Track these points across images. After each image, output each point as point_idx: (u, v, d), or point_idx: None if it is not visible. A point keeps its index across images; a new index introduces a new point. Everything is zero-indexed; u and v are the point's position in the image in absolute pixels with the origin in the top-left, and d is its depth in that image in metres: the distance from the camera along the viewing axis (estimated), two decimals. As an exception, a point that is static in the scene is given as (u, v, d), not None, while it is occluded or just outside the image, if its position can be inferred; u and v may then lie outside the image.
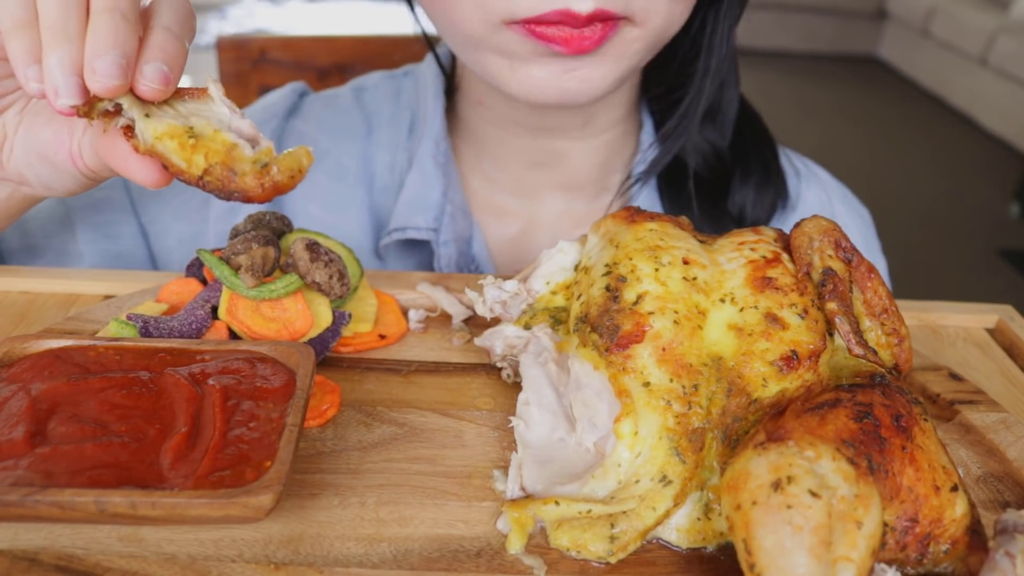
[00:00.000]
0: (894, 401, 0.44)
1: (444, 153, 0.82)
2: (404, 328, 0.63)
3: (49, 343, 0.49)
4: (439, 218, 0.80)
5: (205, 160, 0.46)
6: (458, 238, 0.82)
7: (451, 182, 0.82)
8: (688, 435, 0.46)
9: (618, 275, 0.50)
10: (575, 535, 0.44)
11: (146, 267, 0.83)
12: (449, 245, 0.81)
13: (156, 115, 0.47)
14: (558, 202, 0.84)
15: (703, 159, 0.83)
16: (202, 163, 0.46)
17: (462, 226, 0.82)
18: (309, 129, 0.86)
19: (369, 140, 0.87)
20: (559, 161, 0.82)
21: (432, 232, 0.80)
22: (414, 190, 0.81)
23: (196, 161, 0.46)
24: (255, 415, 0.45)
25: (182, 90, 0.49)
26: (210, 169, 0.46)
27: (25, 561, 0.41)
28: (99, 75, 0.44)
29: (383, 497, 0.47)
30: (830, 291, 0.50)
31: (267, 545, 0.43)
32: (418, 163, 0.82)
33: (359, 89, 0.91)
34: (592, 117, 0.78)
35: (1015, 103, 4.59)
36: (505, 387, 0.58)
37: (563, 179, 0.83)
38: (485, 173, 0.85)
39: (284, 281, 0.55)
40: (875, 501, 0.40)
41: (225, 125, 0.48)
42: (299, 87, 0.92)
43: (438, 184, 0.81)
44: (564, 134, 0.80)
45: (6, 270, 0.66)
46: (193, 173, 0.46)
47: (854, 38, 6.10)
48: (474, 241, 0.83)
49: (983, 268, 3.38)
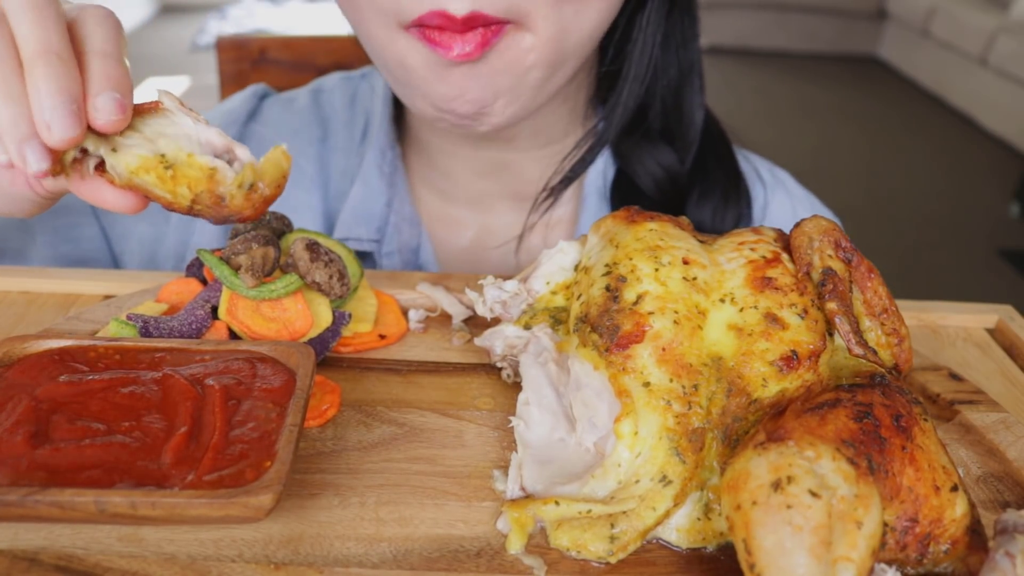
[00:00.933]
0: (894, 401, 0.44)
1: (390, 163, 0.81)
2: (404, 328, 0.63)
3: (49, 343, 0.49)
4: (382, 229, 0.80)
5: (189, 191, 0.46)
6: (403, 248, 0.81)
7: (397, 192, 0.81)
8: (688, 435, 0.46)
9: (618, 275, 0.50)
10: (575, 535, 0.44)
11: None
12: (393, 256, 0.80)
13: (123, 146, 0.46)
14: (511, 212, 0.83)
15: (654, 183, 0.81)
16: (187, 194, 0.46)
17: (408, 236, 0.81)
18: (268, 133, 0.86)
19: (325, 144, 0.86)
20: (506, 171, 0.80)
21: (374, 243, 0.79)
22: (357, 200, 0.80)
23: (181, 193, 0.46)
24: (255, 415, 0.45)
25: (138, 107, 0.48)
26: (197, 199, 0.46)
27: (25, 561, 0.41)
28: (55, 130, 0.42)
29: (383, 497, 0.47)
30: (830, 291, 0.50)
31: (267, 545, 0.43)
32: (363, 173, 0.81)
33: (317, 91, 0.90)
34: (536, 129, 0.77)
35: (1015, 103, 4.58)
36: (505, 387, 0.58)
37: (513, 189, 0.82)
38: (434, 183, 0.83)
39: (284, 281, 0.55)
40: (875, 501, 0.40)
41: (194, 140, 0.47)
42: (260, 90, 0.91)
43: (382, 195, 0.80)
44: (507, 145, 0.78)
45: (6, 270, 0.66)
46: (181, 204, 0.46)
47: (854, 38, 6.10)
48: (421, 251, 0.82)
49: (983, 268, 3.37)
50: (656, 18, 0.73)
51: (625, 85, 0.75)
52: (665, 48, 0.78)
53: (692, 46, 0.79)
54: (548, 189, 0.78)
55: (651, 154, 0.81)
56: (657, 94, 0.79)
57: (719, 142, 0.85)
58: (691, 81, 0.80)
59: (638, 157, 0.81)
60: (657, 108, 0.80)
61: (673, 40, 0.78)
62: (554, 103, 0.74)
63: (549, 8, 0.61)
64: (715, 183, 0.82)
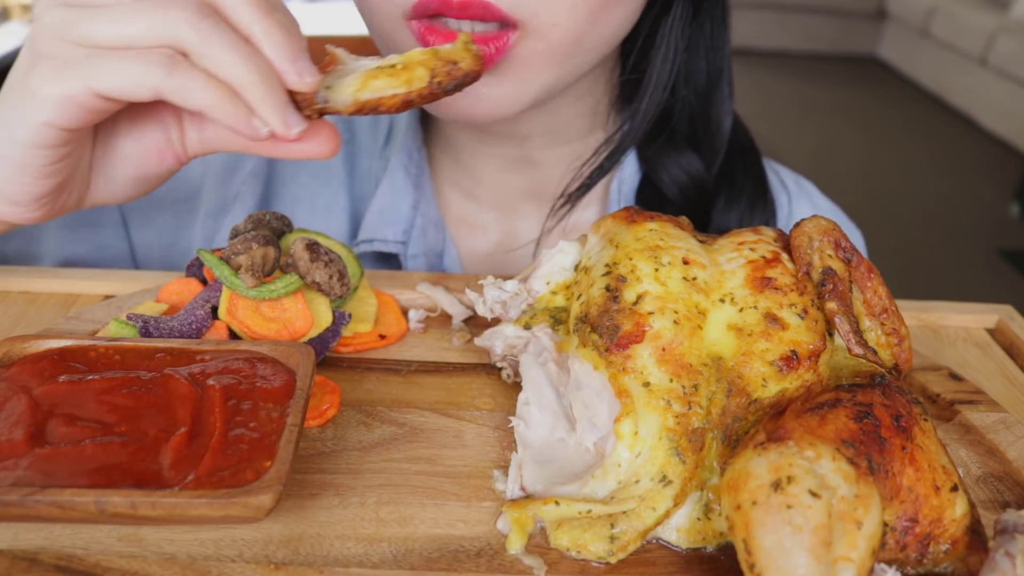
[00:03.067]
0: (894, 401, 0.44)
1: (417, 164, 0.81)
2: (404, 328, 0.63)
3: (49, 343, 0.49)
4: (408, 231, 0.79)
5: (425, 69, 0.48)
6: (428, 252, 0.81)
7: (423, 195, 0.81)
8: (688, 435, 0.46)
9: (618, 275, 0.50)
10: (575, 535, 0.44)
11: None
12: (418, 259, 0.80)
13: (332, 82, 0.49)
14: (535, 214, 0.82)
15: (680, 189, 0.80)
16: (424, 74, 0.48)
17: (433, 240, 0.81)
18: None
19: (351, 145, 0.86)
20: (532, 168, 0.80)
21: (400, 245, 0.79)
22: (384, 202, 0.80)
23: (417, 76, 0.48)
24: (255, 415, 0.45)
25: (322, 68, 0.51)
26: (434, 72, 0.48)
27: (25, 561, 0.41)
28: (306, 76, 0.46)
29: (383, 497, 0.47)
30: (830, 291, 0.50)
31: (267, 545, 0.43)
32: (389, 174, 0.80)
33: None
34: (553, 127, 0.77)
35: (1015, 103, 4.59)
36: (505, 387, 0.58)
37: (538, 188, 0.81)
38: (460, 183, 0.83)
39: (284, 281, 0.55)
40: (875, 501, 0.40)
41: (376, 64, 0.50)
42: None
43: (408, 197, 0.80)
44: (527, 142, 0.78)
45: (6, 270, 0.66)
46: (421, 85, 0.48)
47: (854, 38, 6.10)
48: (446, 255, 0.82)
49: (983, 268, 3.38)
50: (679, 25, 0.72)
51: (647, 92, 0.73)
52: (693, 53, 0.77)
53: (721, 52, 0.78)
54: (566, 195, 0.77)
55: (676, 160, 0.80)
56: (684, 100, 0.78)
57: (747, 150, 0.84)
58: (719, 87, 0.79)
59: (663, 163, 0.80)
60: (684, 114, 0.79)
61: (701, 46, 0.77)
62: (567, 100, 0.74)
63: (559, 11, 0.59)
64: (741, 191, 0.81)
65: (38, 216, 0.52)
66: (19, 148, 0.48)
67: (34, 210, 0.51)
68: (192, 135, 0.54)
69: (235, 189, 0.82)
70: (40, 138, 0.47)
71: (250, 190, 0.82)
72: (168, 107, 0.53)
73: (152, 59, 0.45)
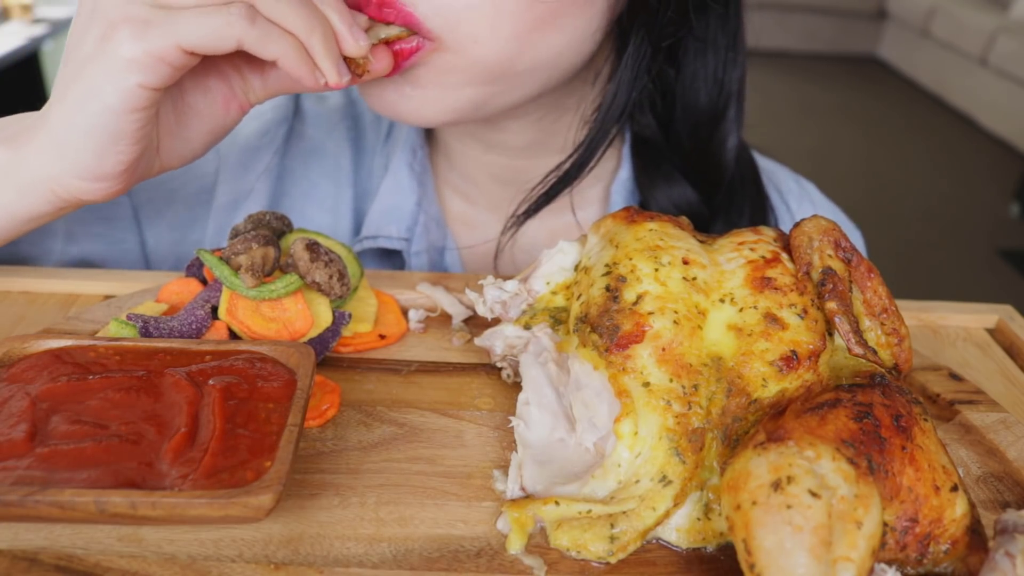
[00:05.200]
0: (894, 401, 0.44)
1: (420, 162, 0.81)
2: (404, 328, 0.63)
3: (49, 343, 0.49)
4: (412, 228, 0.79)
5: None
6: (430, 248, 0.81)
7: (426, 192, 0.81)
8: (688, 435, 0.46)
9: (618, 275, 0.50)
10: (575, 535, 0.44)
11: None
12: (421, 256, 0.80)
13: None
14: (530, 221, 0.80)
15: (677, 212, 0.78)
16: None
17: (435, 237, 0.81)
18: (307, 130, 0.86)
19: (357, 142, 0.86)
20: (519, 177, 0.79)
21: (404, 242, 0.79)
22: (388, 198, 0.80)
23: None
24: (255, 415, 0.45)
25: None
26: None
27: (25, 561, 0.41)
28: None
29: (383, 497, 0.47)
30: (829, 291, 0.50)
31: (267, 545, 0.43)
32: (393, 171, 0.80)
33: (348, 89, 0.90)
34: (533, 140, 0.76)
35: (1015, 103, 4.59)
36: (505, 387, 0.58)
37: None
38: (457, 186, 0.83)
39: (284, 281, 0.55)
40: (875, 501, 0.40)
41: None
42: None
43: (413, 194, 0.79)
44: (509, 152, 0.77)
45: (6, 270, 0.66)
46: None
47: (854, 38, 6.11)
48: (446, 252, 0.82)
49: (983, 268, 3.38)
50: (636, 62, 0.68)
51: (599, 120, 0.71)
52: (690, 88, 0.75)
53: (728, 86, 0.76)
54: (515, 216, 0.75)
55: (667, 192, 0.79)
56: (677, 134, 0.77)
57: (748, 180, 0.82)
58: (723, 121, 0.77)
59: (653, 195, 0.79)
60: (678, 148, 0.78)
61: (700, 78, 0.75)
62: (553, 114, 0.73)
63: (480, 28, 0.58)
64: (741, 214, 0.80)
65: (119, 189, 0.54)
66: (114, 115, 0.49)
67: (120, 182, 0.53)
68: (256, 83, 0.58)
69: (249, 185, 0.82)
70: (136, 100, 0.49)
71: (263, 187, 0.82)
72: (228, 61, 0.57)
73: (234, 11, 0.48)
